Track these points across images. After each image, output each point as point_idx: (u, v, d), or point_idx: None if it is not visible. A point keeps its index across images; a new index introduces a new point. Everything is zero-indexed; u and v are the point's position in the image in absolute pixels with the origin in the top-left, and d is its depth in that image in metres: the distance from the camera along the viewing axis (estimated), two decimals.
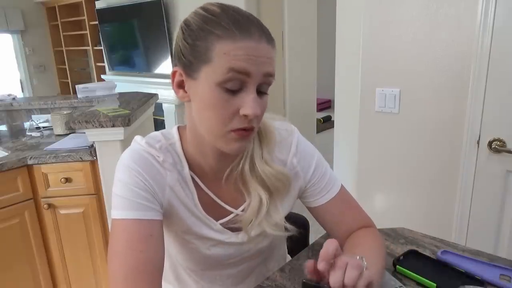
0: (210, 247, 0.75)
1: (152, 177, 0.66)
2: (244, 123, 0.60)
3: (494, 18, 1.28)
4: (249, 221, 0.72)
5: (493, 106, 1.34)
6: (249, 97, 0.59)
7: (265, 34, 0.60)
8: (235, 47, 0.57)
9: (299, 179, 0.78)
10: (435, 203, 1.55)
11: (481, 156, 1.39)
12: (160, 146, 0.69)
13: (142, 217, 0.64)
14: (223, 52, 0.57)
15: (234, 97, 0.59)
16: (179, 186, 0.69)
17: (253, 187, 0.72)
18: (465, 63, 1.37)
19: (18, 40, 5.83)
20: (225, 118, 0.60)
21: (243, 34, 0.58)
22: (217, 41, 0.58)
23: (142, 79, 3.97)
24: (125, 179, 0.66)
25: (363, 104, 1.66)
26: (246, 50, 0.57)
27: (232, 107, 0.59)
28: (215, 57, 0.58)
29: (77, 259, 1.82)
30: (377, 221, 0.83)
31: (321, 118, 5.38)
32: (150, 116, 2.25)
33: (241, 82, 0.59)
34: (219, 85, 0.58)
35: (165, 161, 0.68)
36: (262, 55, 0.59)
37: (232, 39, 0.57)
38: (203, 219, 0.72)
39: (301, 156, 0.77)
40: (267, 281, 0.78)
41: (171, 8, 3.49)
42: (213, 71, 0.58)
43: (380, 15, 1.52)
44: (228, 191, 0.74)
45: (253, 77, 0.59)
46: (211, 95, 0.59)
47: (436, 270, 0.76)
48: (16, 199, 1.66)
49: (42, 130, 2.13)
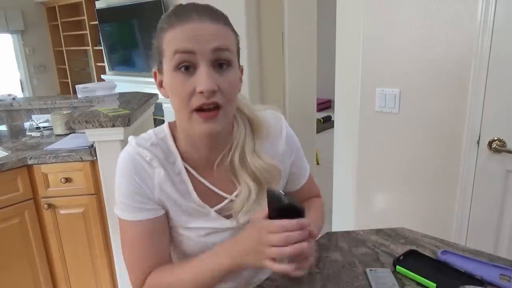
0: (206, 235, 0.77)
1: (142, 179, 0.72)
2: (202, 100, 0.64)
3: (494, 18, 1.28)
4: (239, 209, 0.75)
5: (493, 106, 1.34)
6: (200, 74, 0.63)
7: (207, 15, 0.65)
8: (174, 33, 0.64)
9: (287, 163, 0.84)
10: (435, 203, 1.55)
11: (481, 156, 1.39)
12: (151, 143, 0.74)
13: (141, 218, 0.72)
14: (167, 41, 0.65)
15: (190, 77, 0.64)
16: (169, 182, 0.73)
17: (242, 178, 0.75)
18: (465, 63, 1.37)
19: (18, 40, 5.83)
20: (184, 98, 0.65)
21: (181, 20, 0.64)
22: (163, 34, 0.66)
23: (142, 79, 3.97)
24: (121, 185, 0.72)
25: (363, 104, 1.65)
26: (185, 32, 0.63)
27: (189, 87, 0.64)
28: (165, 48, 0.66)
29: (77, 259, 1.82)
30: (377, 221, 0.84)
31: (321, 118, 5.38)
32: (150, 116, 2.25)
33: (191, 62, 0.64)
34: (174, 70, 0.65)
35: (152, 159, 0.72)
36: (204, 34, 0.63)
37: (172, 27, 0.64)
38: (198, 208, 0.75)
39: (290, 140, 0.83)
40: (267, 281, 0.78)
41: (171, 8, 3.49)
42: (167, 60, 0.66)
43: (380, 15, 1.52)
44: (221, 179, 0.77)
45: (200, 54, 0.63)
46: (171, 81, 0.66)
47: (436, 270, 0.76)
48: (16, 199, 1.66)
49: (42, 130, 2.13)
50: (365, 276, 0.77)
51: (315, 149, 3.58)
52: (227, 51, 0.65)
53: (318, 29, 3.20)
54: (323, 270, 0.80)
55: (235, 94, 0.69)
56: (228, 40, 0.66)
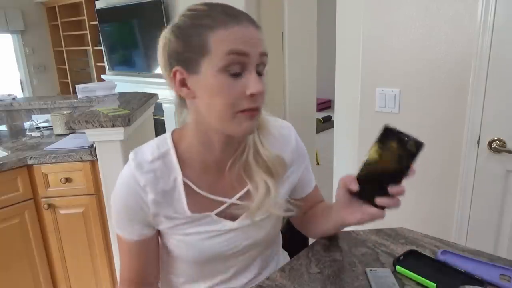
0: (207, 238, 0.77)
1: (137, 203, 0.73)
2: (251, 103, 0.64)
3: (494, 18, 1.28)
4: (257, 209, 0.75)
5: (493, 106, 1.34)
6: (252, 77, 0.63)
7: (251, 20, 0.65)
8: (229, 33, 0.62)
9: (295, 172, 0.85)
10: (435, 203, 1.55)
11: (481, 156, 1.39)
12: (152, 159, 0.73)
13: (135, 238, 0.77)
14: (220, 40, 0.62)
15: (237, 80, 0.63)
16: (165, 203, 0.74)
17: (258, 175, 0.76)
18: (465, 63, 1.37)
19: (18, 40, 5.83)
20: (232, 101, 0.63)
21: (233, 20, 0.63)
22: (211, 32, 0.62)
23: (142, 79, 3.97)
24: (116, 207, 0.76)
25: (363, 104, 1.65)
26: (239, 33, 0.62)
27: (237, 89, 0.63)
28: (213, 46, 0.62)
29: (77, 259, 1.82)
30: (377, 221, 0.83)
31: (321, 118, 5.38)
32: (150, 116, 2.25)
33: (242, 64, 0.63)
34: (222, 71, 0.62)
35: (146, 185, 0.72)
36: (254, 37, 0.64)
37: (224, 26, 0.62)
38: (194, 218, 0.75)
39: (300, 150, 0.86)
40: (267, 281, 0.78)
41: (171, 8, 3.49)
42: (214, 59, 0.62)
43: (380, 15, 1.52)
44: (229, 181, 0.78)
45: (251, 57, 0.63)
46: (216, 82, 0.63)
47: (436, 270, 0.76)
48: (16, 199, 1.66)
49: (42, 130, 2.13)
50: (365, 276, 0.77)
51: (315, 149, 3.58)
52: (267, 56, 0.67)
53: (318, 29, 3.20)
54: (323, 270, 0.80)
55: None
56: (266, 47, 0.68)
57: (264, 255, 0.88)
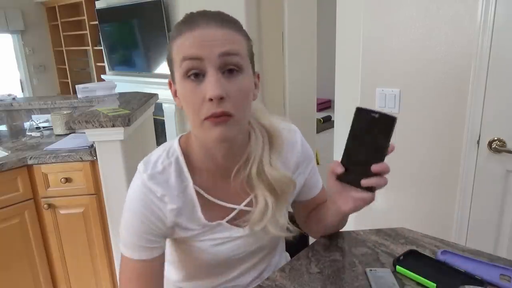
0: (218, 245, 0.77)
1: (154, 214, 0.71)
2: (212, 108, 0.62)
3: (494, 18, 1.28)
4: (256, 221, 0.75)
5: (493, 106, 1.34)
6: (208, 80, 0.61)
7: (215, 21, 0.63)
8: (183, 40, 0.63)
9: (301, 175, 0.84)
10: (435, 203, 1.55)
11: (481, 156, 1.39)
12: (163, 169, 0.72)
13: (145, 258, 0.73)
14: (176, 48, 0.65)
15: (199, 85, 0.63)
16: (181, 211, 0.73)
17: (260, 191, 0.74)
18: (465, 63, 1.37)
19: (18, 40, 5.83)
20: (195, 106, 0.63)
21: (188, 26, 0.63)
22: (173, 43, 0.66)
23: (142, 79, 3.97)
24: (131, 223, 0.72)
25: (363, 104, 1.65)
26: (192, 38, 0.62)
27: (199, 94, 0.62)
28: (174, 56, 0.65)
29: (77, 259, 1.82)
30: (377, 221, 0.84)
31: (321, 118, 5.38)
32: (150, 116, 2.25)
33: (199, 69, 0.62)
34: (184, 78, 0.64)
35: (165, 195, 0.71)
36: (210, 39, 0.62)
37: (180, 34, 0.64)
38: (209, 227, 0.76)
39: (306, 153, 0.84)
40: (267, 281, 0.78)
41: (171, 8, 3.49)
42: (177, 68, 0.65)
43: (380, 15, 1.52)
44: (235, 188, 0.76)
45: (208, 60, 0.61)
46: (183, 90, 0.65)
47: (436, 270, 0.76)
48: (16, 199, 1.66)
49: (42, 130, 2.13)
50: (365, 276, 0.77)
51: (315, 149, 3.58)
52: (236, 55, 0.63)
53: (318, 29, 3.20)
54: (323, 270, 0.80)
55: (246, 101, 0.66)
56: (238, 45, 0.64)
57: (268, 257, 0.89)
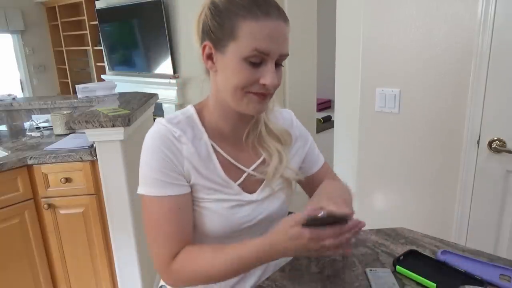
0: (230, 208, 0.79)
1: (172, 153, 0.75)
2: (262, 90, 0.72)
3: (494, 18, 1.28)
4: (274, 169, 0.82)
5: (493, 106, 1.34)
6: (268, 70, 0.70)
7: (281, 14, 0.70)
8: (258, 27, 0.67)
9: (302, 147, 0.93)
10: (435, 203, 1.55)
11: (481, 156, 1.39)
12: (178, 121, 0.78)
13: (170, 194, 0.75)
14: (248, 32, 0.68)
15: (256, 69, 0.70)
16: (196, 156, 0.77)
17: (271, 144, 0.84)
18: (465, 63, 1.37)
19: (18, 40, 5.83)
20: (244, 82, 0.71)
21: (263, 12, 0.68)
22: (243, 21, 0.68)
23: (142, 79, 3.97)
24: (151, 161, 0.75)
25: (363, 104, 1.66)
26: (267, 29, 0.68)
27: (254, 77, 0.70)
28: (241, 35, 0.68)
29: (77, 259, 1.82)
30: (377, 221, 0.84)
31: (321, 118, 5.38)
32: (150, 116, 2.25)
33: (262, 58, 0.70)
34: (244, 60, 0.69)
35: (181, 136, 0.76)
36: (280, 35, 0.70)
37: (255, 19, 0.67)
38: (222, 182, 0.79)
39: (300, 128, 0.95)
40: (267, 281, 0.78)
41: (171, 8, 3.49)
42: (240, 47, 0.69)
43: (380, 15, 1.52)
44: (246, 152, 0.84)
45: (272, 56, 0.70)
46: (237, 67, 0.70)
47: (436, 270, 0.76)
48: (16, 199, 1.66)
49: (42, 130, 2.13)
50: (365, 276, 0.77)
51: None
52: (287, 55, 0.73)
53: (318, 29, 3.20)
54: (323, 270, 0.80)
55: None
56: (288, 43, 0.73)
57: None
